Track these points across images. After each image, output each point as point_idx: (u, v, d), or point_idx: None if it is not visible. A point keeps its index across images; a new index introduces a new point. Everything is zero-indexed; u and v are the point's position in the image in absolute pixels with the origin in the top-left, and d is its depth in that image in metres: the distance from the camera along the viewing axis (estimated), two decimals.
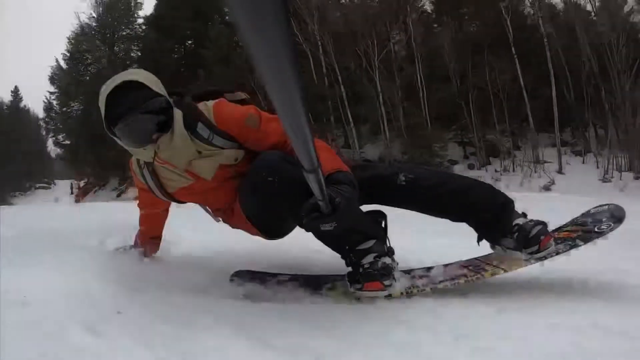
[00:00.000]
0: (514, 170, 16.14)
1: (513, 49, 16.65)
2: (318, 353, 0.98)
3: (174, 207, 1.66)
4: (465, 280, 1.34)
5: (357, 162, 1.38)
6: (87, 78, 23.81)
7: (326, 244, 1.39)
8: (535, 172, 15.46)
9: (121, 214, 2.69)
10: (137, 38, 24.89)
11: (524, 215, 1.42)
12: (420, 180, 1.42)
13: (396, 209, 1.47)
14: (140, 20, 25.15)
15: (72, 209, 7.92)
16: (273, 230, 1.52)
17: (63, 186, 32.32)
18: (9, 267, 1.39)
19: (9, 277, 1.26)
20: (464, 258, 1.52)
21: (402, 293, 1.31)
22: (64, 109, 24.87)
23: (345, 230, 1.17)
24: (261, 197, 1.34)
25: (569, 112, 16.48)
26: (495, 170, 16.36)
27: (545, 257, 1.35)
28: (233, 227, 1.62)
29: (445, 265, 1.45)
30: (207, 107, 1.45)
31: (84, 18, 25.27)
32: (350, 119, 17.52)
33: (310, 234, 1.35)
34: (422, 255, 1.55)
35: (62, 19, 30.08)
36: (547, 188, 13.97)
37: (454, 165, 17.12)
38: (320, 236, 1.35)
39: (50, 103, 26.11)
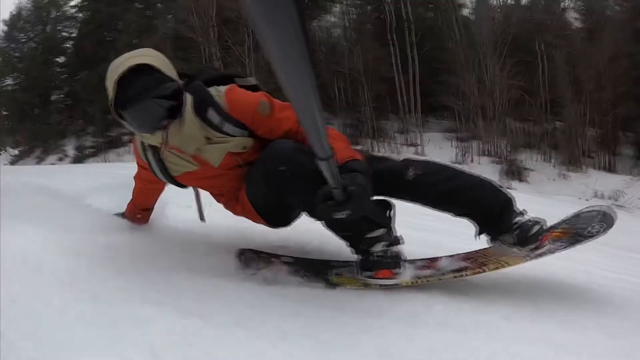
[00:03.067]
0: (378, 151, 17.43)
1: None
2: (325, 340, 0.99)
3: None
4: (469, 273, 1.35)
5: (368, 154, 1.39)
6: (19, 55, 25.53)
7: (334, 232, 1.37)
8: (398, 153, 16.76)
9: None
10: (69, 19, 26.63)
11: (523, 213, 1.44)
12: (428, 176, 1.43)
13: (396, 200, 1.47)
14: (72, 3, 26.87)
15: None
16: (279, 219, 1.51)
17: None
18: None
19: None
20: (460, 251, 1.52)
21: (410, 282, 1.31)
22: None
23: (357, 219, 1.15)
24: (271, 186, 1.32)
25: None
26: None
27: (542, 255, 1.39)
28: (236, 215, 1.57)
29: (448, 257, 1.47)
30: (218, 92, 1.39)
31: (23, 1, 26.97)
32: None
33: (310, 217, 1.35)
34: (418, 246, 1.51)
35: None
36: None
37: None
38: (330, 224, 1.32)
39: None
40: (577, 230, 1.44)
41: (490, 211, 1.42)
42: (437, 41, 17.99)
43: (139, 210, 1.75)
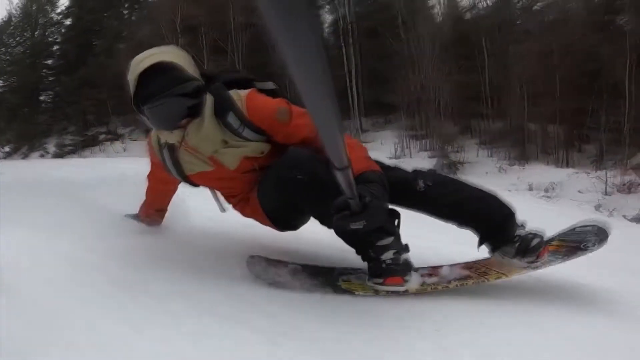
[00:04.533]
0: None
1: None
2: (338, 347, 0.99)
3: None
4: (472, 282, 1.39)
5: (382, 164, 1.37)
6: (9, 59, 25.54)
7: (344, 240, 1.35)
8: None
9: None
10: (55, 24, 28.11)
11: (523, 225, 1.47)
12: (437, 188, 1.44)
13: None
14: (59, 10, 28.28)
15: None
16: (288, 224, 1.51)
17: None
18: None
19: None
20: (458, 259, 1.54)
21: (418, 289, 1.33)
22: None
23: (372, 230, 1.13)
24: (284, 192, 1.31)
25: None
26: None
27: (540, 267, 1.43)
28: (244, 216, 1.57)
29: (450, 266, 1.48)
30: (238, 96, 1.37)
31: (14, 7, 28.62)
32: None
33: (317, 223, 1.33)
34: (419, 255, 1.48)
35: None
36: None
37: None
38: (343, 233, 1.31)
39: None
40: (573, 244, 1.48)
41: (493, 223, 1.43)
42: (380, 40, 18.41)
43: (153, 211, 1.72)
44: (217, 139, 1.34)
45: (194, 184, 1.52)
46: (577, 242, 1.50)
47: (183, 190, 1.68)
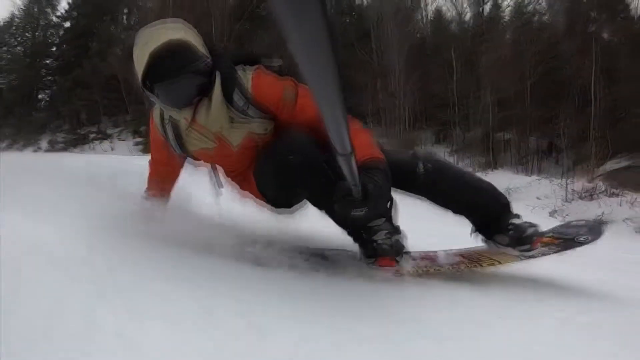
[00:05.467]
0: None
1: None
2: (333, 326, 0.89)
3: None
4: (465, 266, 1.37)
5: (382, 147, 1.30)
6: (10, 57, 26.03)
7: (341, 225, 1.33)
8: None
9: None
10: (54, 26, 29.05)
11: (518, 216, 1.45)
12: (436, 173, 1.40)
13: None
14: (59, 13, 29.20)
15: None
16: (281, 203, 1.44)
17: None
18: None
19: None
20: (453, 247, 1.53)
21: (410, 271, 1.30)
22: None
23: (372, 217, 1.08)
24: (279, 174, 1.26)
25: None
26: None
27: (534, 256, 1.41)
28: (242, 189, 1.50)
29: (445, 251, 1.47)
30: (245, 74, 1.31)
31: (17, 8, 29.71)
32: None
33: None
34: (415, 240, 1.45)
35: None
36: None
37: None
38: (343, 218, 1.27)
39: None
40: (566, 237, 1.48)
41: (489, 211, 1.43)
42: (352, 50, 18.03)
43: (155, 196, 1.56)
44: (224, 116, 1.30)
45: (195, 158, 1.46)
46: (571, 235, 1.50)
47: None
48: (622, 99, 13.86)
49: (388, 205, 1.31)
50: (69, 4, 26.58)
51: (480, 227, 1.47)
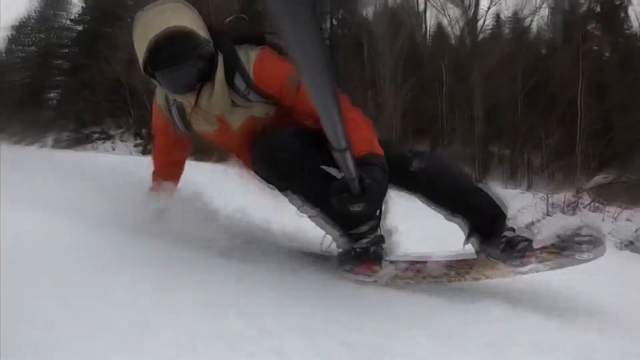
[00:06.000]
0: None
1: None
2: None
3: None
4: (448, 280, 1.30)
5: (379, 137, 1.24)
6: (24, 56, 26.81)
7: (337, 221, 1.29)
8: None
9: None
10: (66, 29, 30.11)
11: (513, 229, 1.37)
12: (431, 171, 1.34)
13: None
14: (72, 17, 30.33)
15: None
16: (281, 187, 1.35)
17: None
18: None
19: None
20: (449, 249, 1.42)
21: (387, 281, 1.25)
22: None
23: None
24: (270, 171, 1.26)
25: None
26: None
27: (524, 272, 1.33)
28: (244, 165, 1.43)
29: (431, 262, 1.38)
30: (247, 56, 1.26)
31: (33, 9, 30.88)
32: None
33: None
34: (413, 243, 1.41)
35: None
36: None
37: None
38: (341, 213, 1.15)
39: None
40: (566, 253, 1.36)
41: (483, 219, 1.35)
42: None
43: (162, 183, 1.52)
44: (226, 100, 1.27)
45: (198, 135, 1.44)
46: (571, 251, 1.36)
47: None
48: (610, 113, 13.77)
49: (378, 213, 1.29)
50: (82, 8, 27.42)
51: (473, 234, 1.38)
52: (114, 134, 21.77)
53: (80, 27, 28.14)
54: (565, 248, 1.36)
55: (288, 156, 1.20)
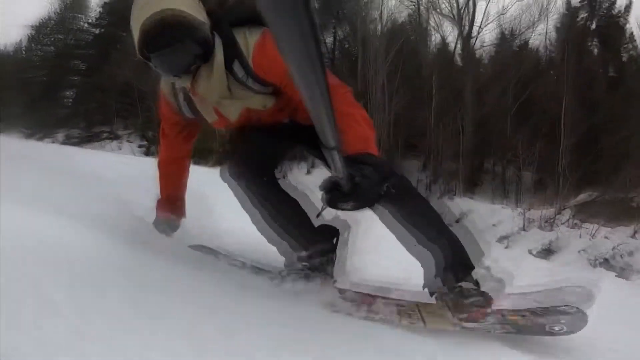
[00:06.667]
0: None
1: None
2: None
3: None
4: (381, 319, 1.23)
5: None
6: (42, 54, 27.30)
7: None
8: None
9: None
10: (84, 32, 31.29)
11: (477, 283, 1.23)
12: (399, 199, 1.22)
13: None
14: (90, 20, 31.43)
15: None
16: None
17: None
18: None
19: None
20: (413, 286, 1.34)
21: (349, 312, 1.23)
22: None
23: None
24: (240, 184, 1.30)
25: None
26: None
27: (474, 329, 1.18)
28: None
29: (386, 299, 1.34)
30: (246, 42, 1.21)
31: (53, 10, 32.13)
32: None
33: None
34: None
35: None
36: None
37: None
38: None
39: None
40: (538, 322, 1.18)
41: (440, 261, 1.25)
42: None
43: (170, 204, 1.55)
44: (223, 86, 1.22)
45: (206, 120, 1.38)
46: (547, 320, 1.18)
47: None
48: (598, 128, 13.53)
49: (335, 241, 1.32)
50: (100, 12, 28.61)
51: (429, 280, 1.29)
52: (122, 135, 22.76)
53: (97, 31, 29.17)
54: (542, 315, 1.20)
55: (250, 170, 1.24)
